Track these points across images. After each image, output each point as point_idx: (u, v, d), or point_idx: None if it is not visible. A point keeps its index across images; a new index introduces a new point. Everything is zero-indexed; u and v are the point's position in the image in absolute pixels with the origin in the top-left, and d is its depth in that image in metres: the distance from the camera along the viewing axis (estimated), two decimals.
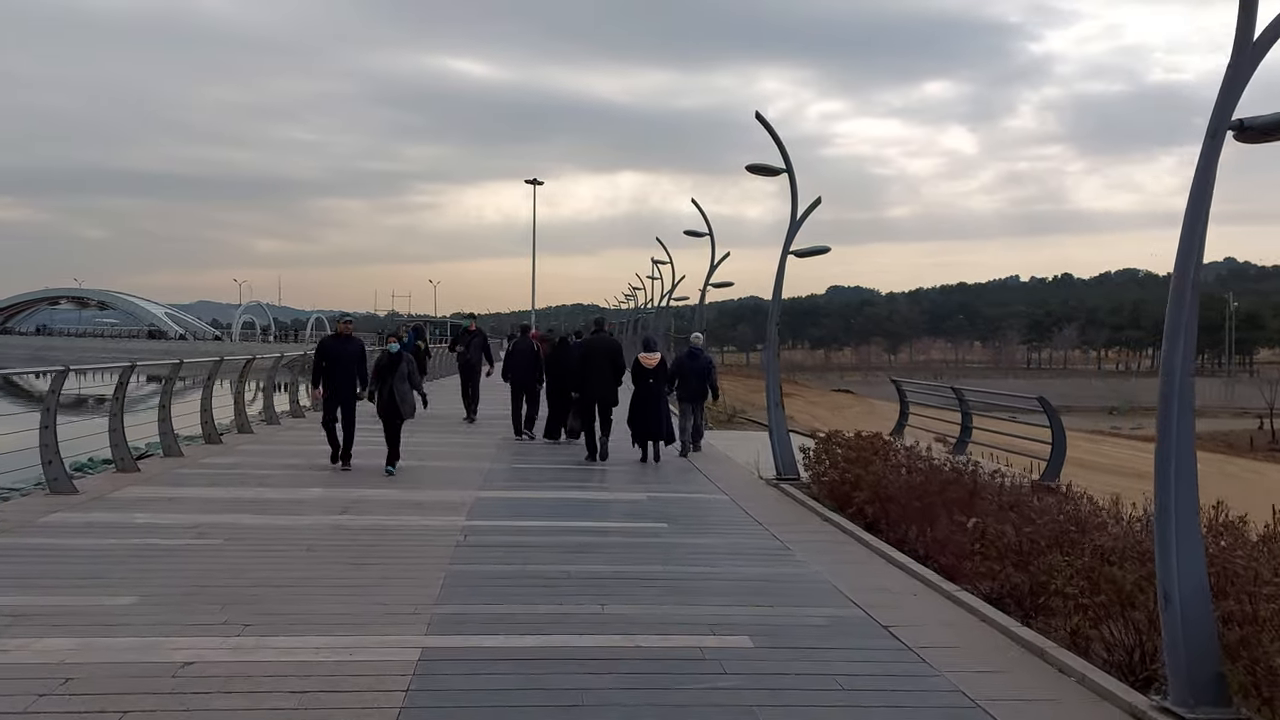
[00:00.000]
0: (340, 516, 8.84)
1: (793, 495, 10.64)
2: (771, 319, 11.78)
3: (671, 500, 10.35)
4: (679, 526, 8.89)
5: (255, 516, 8.68)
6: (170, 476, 10.82)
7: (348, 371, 11.62)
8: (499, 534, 8.29)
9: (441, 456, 13.30)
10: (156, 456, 12.45)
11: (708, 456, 14.20)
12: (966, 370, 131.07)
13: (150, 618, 5.60)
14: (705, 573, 7.08)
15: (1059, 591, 5.70)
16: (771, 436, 11.69)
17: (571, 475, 11.98)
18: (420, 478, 11.35)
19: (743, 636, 5.55)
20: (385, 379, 11.26)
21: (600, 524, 8.82)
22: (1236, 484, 31.09)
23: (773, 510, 9.86)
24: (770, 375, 11.73)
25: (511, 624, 5.67)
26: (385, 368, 11.29)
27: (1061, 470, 12.78)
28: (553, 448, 14.77)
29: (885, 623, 5.93)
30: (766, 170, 11.66)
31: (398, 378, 11.23)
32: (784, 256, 11.65)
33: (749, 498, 10.56)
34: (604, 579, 6.82)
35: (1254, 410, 76.44)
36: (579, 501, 10.10)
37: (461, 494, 10.16)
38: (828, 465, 10.16)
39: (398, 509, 9.30)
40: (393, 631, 5.45)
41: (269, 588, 6.30)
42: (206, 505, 9.15)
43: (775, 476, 11.62)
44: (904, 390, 18.56)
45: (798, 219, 11.49)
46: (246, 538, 7.83)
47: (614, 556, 7.57)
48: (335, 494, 9.92)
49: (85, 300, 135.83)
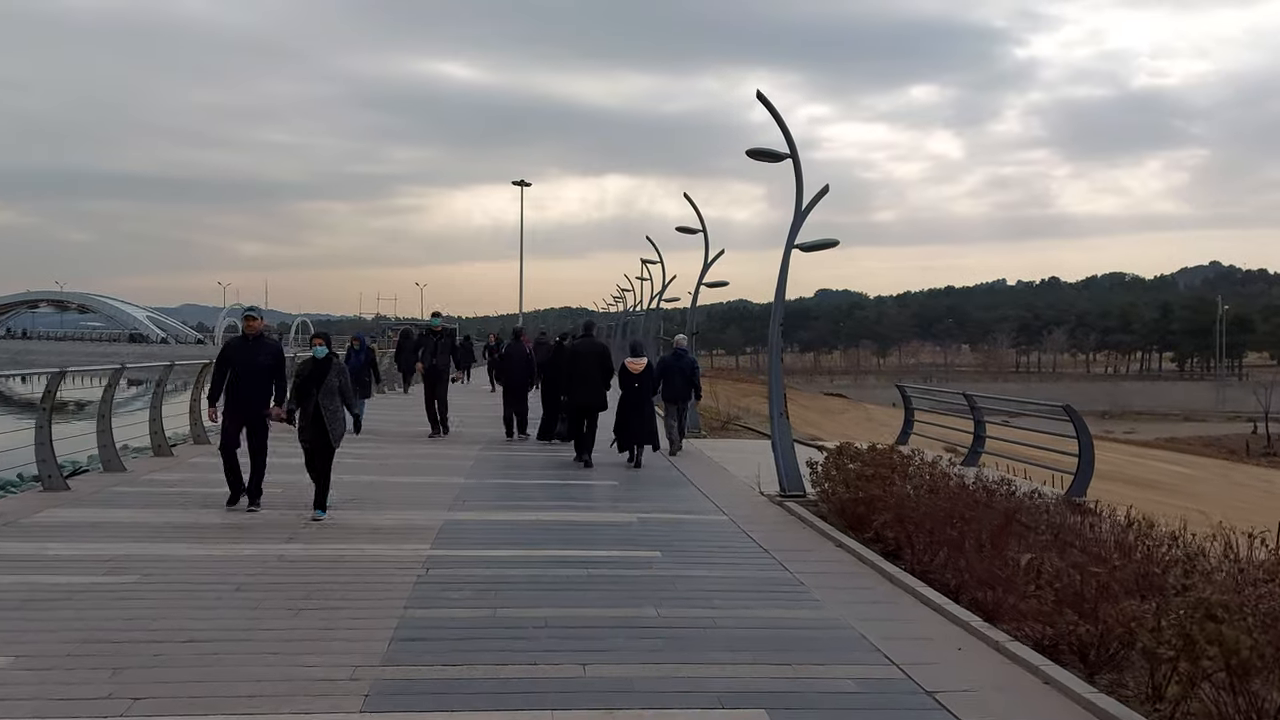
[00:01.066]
0: (286, 545, 7.70)
1: (800, 515, 9.56)
2: (774, 320, 10.68)
3: (665, 522, 9.25)
4: (674, 555, 7.78)
5: (187, 546, 7.53)
6: (103, 496, 9.65)
7: (259, 383, 8.95)
8: (467, 566, 7.17)
9: (409, 470, 12.18)
10: (95, 472, 11.29)
11: (703, 469, 13.11)
12: (956, 374, 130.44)
13: (16, 689, 4.47)
14: (707, 617, 5.98)
15: (1148, 652, 4.64)
16: (775, 449, 10.61)
17: (553, 493, 10.87)
18: (384, 497, 10.21)
19: (758, 711, 4.46)
20: (310, 393, 8.71)
21: (585, 553, 7.70)
22: (1247, 494, 30.20)
23: (779, 534, 8.78)
24: (773, 381, 10.64)
25: (471, 694, 4.56)
26: (310, 379, 8.74)
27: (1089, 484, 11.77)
28: (536, 458, 13.75)
29: (930, 687, 4.85)
30: (769, 155, 10.59)
31: (325, 392, 8.69)
32: (788, 250, 10.58)
33: (751, 518, 9.48)
34: (587, 627, 5.72)
35: (1245, 413, 75.86)
36: (561, 525, 8.98)
37: (429, 516, 9.04)
38: (840, 483, 9.09)
39: (353, 535, 8.17)
40: (321, 708, 4.34)
41: (178, 644, 5.17)
42: (133, 532, 7.99)
43: (779, 493, 10.54)
44: (909, 396, 17.51)
45: (803, 209, 10.42)
46: (169, 574, 6.69)
47: (600, 596, 6.46)
48: (285, 517, 8.77)
49: (65, 303, 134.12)
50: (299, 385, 8.80)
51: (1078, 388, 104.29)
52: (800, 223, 10.37)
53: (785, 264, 10.59)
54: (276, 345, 9.61)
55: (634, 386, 13.06)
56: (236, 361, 9.03)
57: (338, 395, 8.77)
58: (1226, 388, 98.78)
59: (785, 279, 10.63)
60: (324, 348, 8.93)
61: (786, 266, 10.59)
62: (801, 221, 10.37)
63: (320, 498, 8.77)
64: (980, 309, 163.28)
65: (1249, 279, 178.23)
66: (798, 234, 10.54)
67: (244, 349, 9.13)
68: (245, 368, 8.96)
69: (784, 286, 10.68)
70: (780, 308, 10.72)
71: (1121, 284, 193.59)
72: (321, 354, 8.85)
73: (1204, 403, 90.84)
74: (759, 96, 10.24)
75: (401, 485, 11.00)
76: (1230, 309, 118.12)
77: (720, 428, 21.23)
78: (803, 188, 10.47)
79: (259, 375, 8.95)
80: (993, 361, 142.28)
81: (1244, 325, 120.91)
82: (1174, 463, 33.04)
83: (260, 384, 8.95)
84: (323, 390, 8.67)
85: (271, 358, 9.13)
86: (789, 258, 10.61)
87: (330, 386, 8.72)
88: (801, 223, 10.38)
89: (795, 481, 10.34)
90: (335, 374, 8.79)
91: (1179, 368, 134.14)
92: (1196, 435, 64.88)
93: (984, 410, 14.57)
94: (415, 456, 13.57)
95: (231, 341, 9.52)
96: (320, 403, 8.66)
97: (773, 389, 10.64)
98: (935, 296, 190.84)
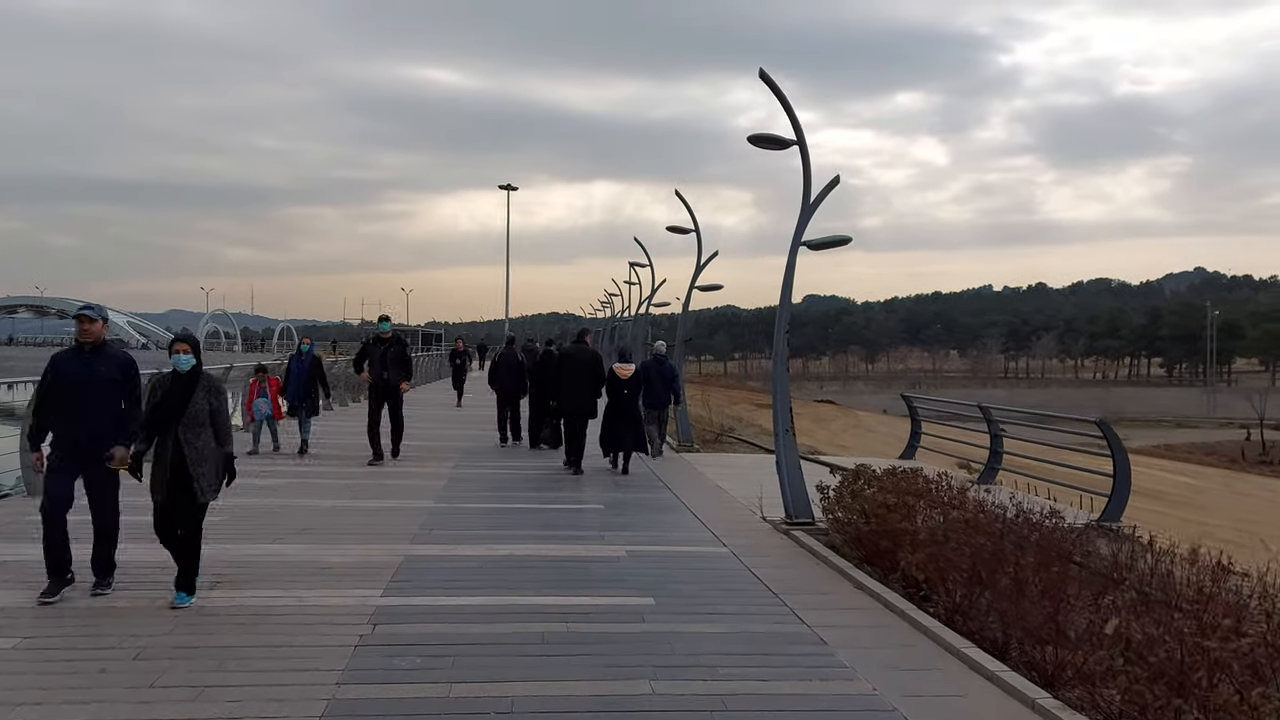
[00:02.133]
0: (210, 593, 6.49)
1: (809, 547, 8.43)
2: (780, 326, 9.52)
3: (658, 557, 8.08)
4: (670, 601, 6.62)
5: (82, 597, 6.31)
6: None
7: (96, 408, 6.29)
8: (422, 620, 6.00)
9: (375, 493, 10.97)
10: (19, 495, 10.07)
11: (698, 489, 11.96)
12: (945, 380, 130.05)
13: None
14: (714, 696, 4.82)
15: None
16: (780, 470, 9.46)
17: (532, 520, 9.69)
18: (342, 524, 9.04)
19: None
20: (168, 425, 6.14)
21: (564, 600, 6.53)
22: (1254, 505, 29.29)
23: (788, 571, 7.64)
24: (778, 395, 9.48)
25: None
26: (167, 404, 6.15)
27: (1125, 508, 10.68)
28: (515, 476, 12.64)
29: None
30: (774, 141, 9.46)
31: (189, 422, 6.11)
32: (794, 249, 9.45)
33: (754, 550, 8.34)
34: (566, 712, 4.57)
35: (1238, 420, 75.26)
36: (539, 562, 7.78)
37: (387, 551, 7.86)
38: (857, 512, 7.95)
39: (294, 577, 6.98)
40: None
41: None
42: (21, 575, 6.68)
43: (784, 519, 9.41)
44: (915, 407, 16.41)
45: (811, 202, 9.29)
46: (42, 636, 5.49)
47: (581, 663, 5.30)
48: (217, 554, 7.56)
49: (44, 309, 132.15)
50: (152, 413, 6.19)
51: (1067, 393, 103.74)
52: (809, 216, 9.25)
53: (791, 264, 9.46)
54: (126, 358, 6.68)
55: (623, 392, 13.12)
56: (66, 379, 6.34)
57: (207, 427, 6.18)
58: (1217, 394, 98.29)
59: (791, 281, 9.50)
60: (189, 357, 6.20)
61: (793, 267, 9.46)
62: (810, 215, 9.24)
63: (186, 576, 6.20)
64: (968, 315, 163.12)
65: (1234, 285, 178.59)
66: (805, 230, 9.41)
67: (76, 363, 6.39)
68: (77, 391, 6.30)
69: (790, 289, 9.55)
70: (786, 313, 9.57)
71: (1108, 289, 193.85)
72: (186, 366, 6.20)
73: (1195, 408, 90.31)
74: (761, 75, 9.12)
75: (363, 510, 9.82)
76: (1220, 315, 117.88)
77: (714, 440, 20.11)
78: (810, 178, 9.35)
79: (99, 401, 6.29)
80: (981, 367, 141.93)
81: (1233, 331, 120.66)
82: (1178, 472, 32.15)
83: (100, 413, 6.27)
84: (186, 420, 6.10)
85: (118, 374, 6.42)
86: (795, 258, 9.49)
87: (197, 415, 6.12)
88: (810, 216, 9.25)
89: (803, 508, 9.21)
90: (206, 396, 6.20)
91: (1168, 373, 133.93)
92: (1190, 442, 64.16)
93: (1001, 423, 13.47)
94: (383, 476, 12.37)
95: (60, 355, 6.58)
96: (181, 438, 6.07)
97: (778, 404, 9.49)
98: (923, 302, 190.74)
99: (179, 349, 6.26)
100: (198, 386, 6.21)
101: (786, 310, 9.51)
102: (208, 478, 6.16)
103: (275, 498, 10.35)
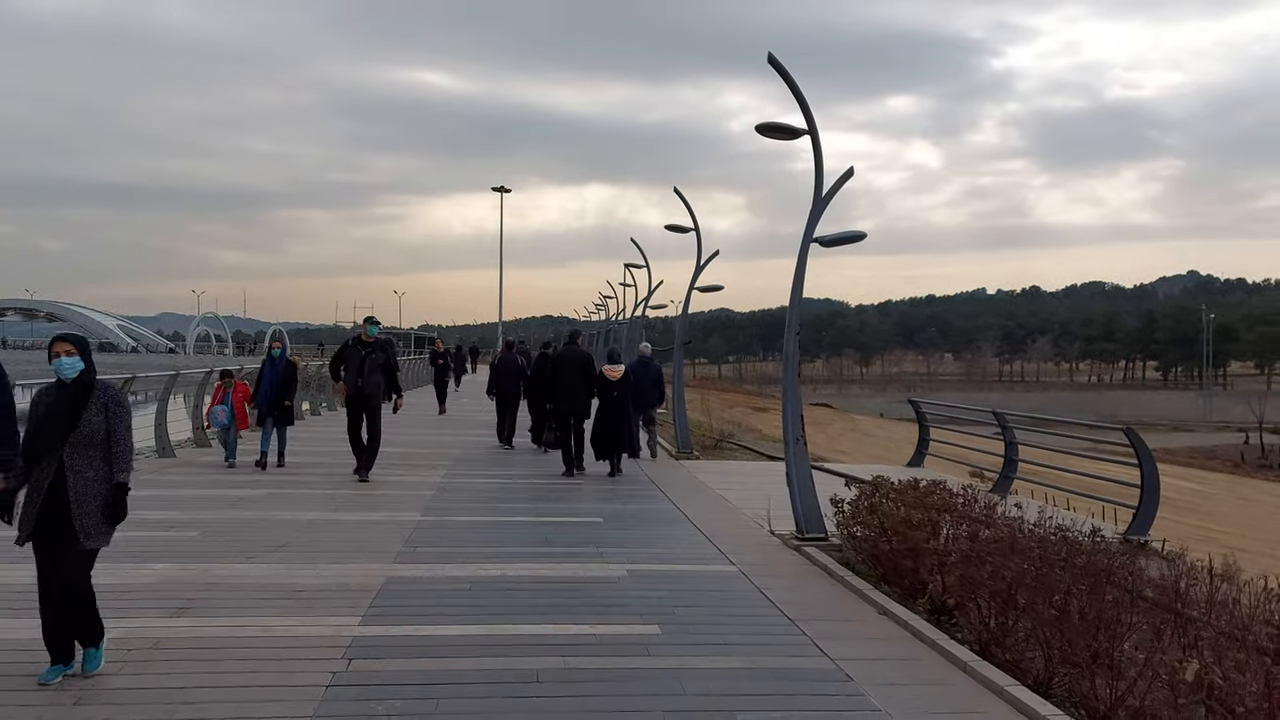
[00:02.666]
0: (172, 621, 5.88)
1: (824, 566, 7.84)
2: (790, 328, 8.92)
3: (662, 577, 7.48)
4: (677, 630, 6.02)
5: (32, 623, 5.69)
6: None
7: None
8: (403, 655, 5.38)
9: (358, 505, 10.36)
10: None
11: (700, 500, 11.37)
12: (940, 383, 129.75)
13: None
14: None
15: None
16: (790, 481, 8.87)
17: (526, 535, 9.07)
18: (321, 541, 8.43)
19: None
20: (51, 447, 4.78)
21: (562, 629, 5.93)
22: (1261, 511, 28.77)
23: (804, 593, 7.05)
24: (789, 402, 8.88)
25: None
26: (51, 421, 4.79)
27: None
28: (509, 484, 12.07)
29: None
30: (784, 130, 8.88)
31: (77, 444, 4.77)
32: (805, 245, 8.86)
33: (766, 569, 7.76)
34: None
35: (1235, 423, 74.89)
36: (533, 583, 7.17)
37: (368, 571, 7.25)
38: (877, 529, 7.36)
39: (263, 602, 6.37)
40: None
41: None
42: None
43: (794, 534, 8.82)
44: (923, 412, 15.83)
45: (824, 195, 8.71)
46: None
47: (581, 707, 4.69)
48: (184, 575, 6.96)
49: (33, 312, 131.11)
50: (34, 433, 4.81)
51: (1065, 396, 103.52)
52: (821, 211, 8.66)
53: (802, 262, 8.87)
54: None
55: (612, 394, 13.12)
56: None
57: (99, 458, 4.80)
58: (1213, 397, 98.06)
59: (802, 280, 8.91)
60: (74, 360, 4.81)
61: (804, 265, 8.88)
62: (823, 209, 8.65)
63: (85, 629, 4.92)
64: (962, 318, 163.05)
65: (1227, 288, 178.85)
66: (816, 226, 8.83)
67: None
68: None
69: (800, 289, 8.95)
70: (795, 314, 8.97)
71: (1101, 293, 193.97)
72: (70, 373, 4.81)
73: (1191, 412, 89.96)
74: (771, 60, 8.54)
75: (346, 524, 9.21)
76: (1215, 318, 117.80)
77: (713, 446, 19.49)
78: (823, 170, 8.78)
79: None
80: (976, 370, 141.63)
81: (1228, 334, 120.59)
82: (1183, 478, 31.64)
83: None
84: (74, 442, 4.76)
85: None
86: (806, 255, 8.91)
87: (89, 436, 4.78)
88: (823, 211, 8.66)
89: (815, 522, 8.62)
90: (102, 411, 4.82)
91: (1163, 376, 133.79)
92: (1187, 445, 63.74)
93: (1016, 430, 12.91)
94: (367, 486, 11.74)
95: None
96: (67, 464, 4.74)
97: (788, 411, 8.90)
98: (917, 305, 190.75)
99: (59, 350, 4.82)
100: (90, 399, 4.81)
101: (797, 310, 8.92)
102: (93, 517, 4.74)
103: (252, 510, 9.74)
